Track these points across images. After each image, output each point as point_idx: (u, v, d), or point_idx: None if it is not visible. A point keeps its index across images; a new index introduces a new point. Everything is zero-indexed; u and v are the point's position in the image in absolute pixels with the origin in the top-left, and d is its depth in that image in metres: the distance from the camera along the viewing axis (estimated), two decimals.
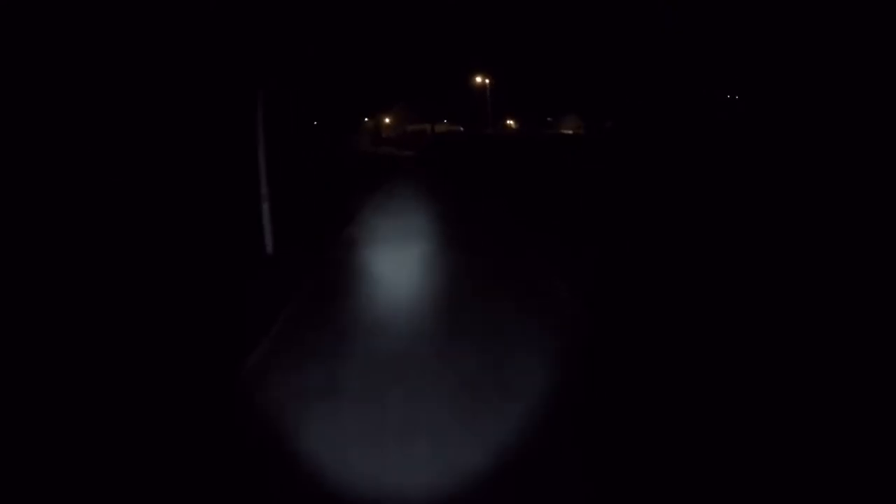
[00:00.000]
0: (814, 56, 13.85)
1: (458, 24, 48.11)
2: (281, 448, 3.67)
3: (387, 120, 52.19)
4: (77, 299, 6.33)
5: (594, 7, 42.06)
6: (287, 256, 9.33)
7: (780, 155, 13.06)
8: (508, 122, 50.33)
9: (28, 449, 3.63)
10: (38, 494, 3.26)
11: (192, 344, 5.40)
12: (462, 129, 47.23)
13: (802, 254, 7.35)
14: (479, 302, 6.40)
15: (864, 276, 6.21)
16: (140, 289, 7.19)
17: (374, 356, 5.00)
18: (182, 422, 4.01)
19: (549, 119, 54.53)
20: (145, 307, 6.47)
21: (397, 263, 8.68)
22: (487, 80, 44.15)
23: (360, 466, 3.43)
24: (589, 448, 3.54)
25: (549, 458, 3.45)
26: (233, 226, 10.68)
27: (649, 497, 3.11)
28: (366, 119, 53.18)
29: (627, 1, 41.13)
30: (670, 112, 32.80)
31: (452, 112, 48.98)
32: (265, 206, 10.15)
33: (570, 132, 45.97)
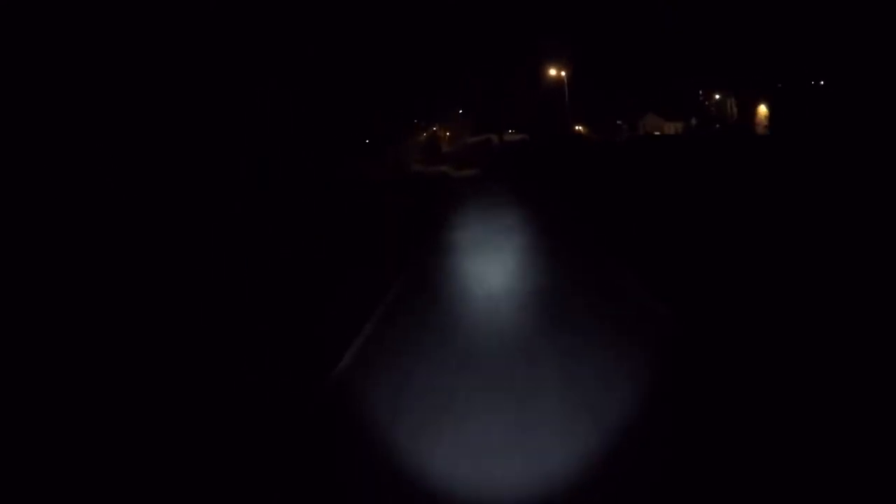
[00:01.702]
0: None
1: (517, 27, 45.63)
2: None
3: (447, 133, 49.96)
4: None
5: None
6: None
7: None
8: (577, 127, 47.42)
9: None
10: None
11: None
12: (528, 137, 44.47)
13: None
14: None
15: None
16: None
17: None
18: None
19: (618, 122, 51.45)
20: None
21: None
22: (563, 74, 38.72)
23: None
24: None
25: None
26: None
27: None
28: (423, 133, 51.06)
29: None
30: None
31: (517, 120, 46.33)
32: None
33: (658, 133, 42.41)
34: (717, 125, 45.44)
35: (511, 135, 45.27)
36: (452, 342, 5.48)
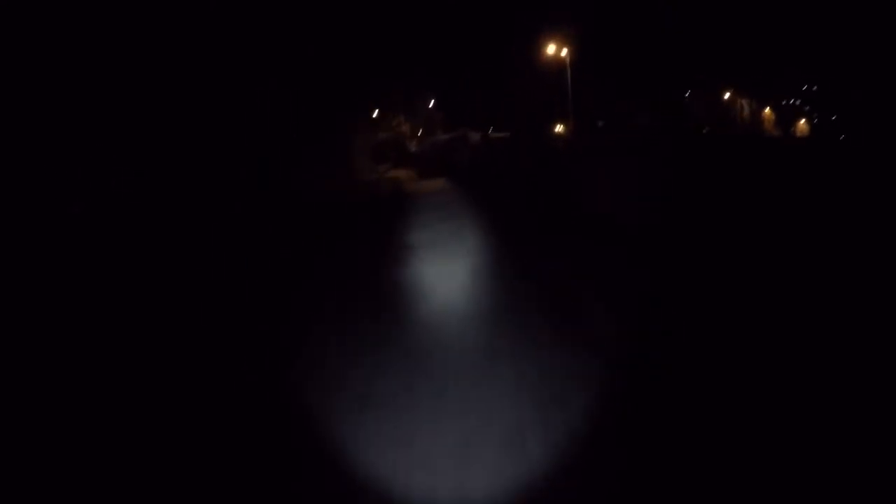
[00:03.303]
0: None
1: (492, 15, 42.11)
2: None
3: (420, 131, 45.92)
4: None
5: None
6: None
7: None
8: (558, 127, 44.56)
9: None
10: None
11: None
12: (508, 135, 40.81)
13: None
14: None
15: None
16: None
17: None
18: None
19: (599, 123, 48.88)
20: None
21: None
22: (565, 52, 31.95)
23: None
24: None
25: None
26: None
27: None
28: (385, 129, 46.59)
29: None
30: None
31: (497, 115, 42.82)
32: None
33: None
34: (705, 129, 43.49)
35: (493, 133, 41.34)
36: None
